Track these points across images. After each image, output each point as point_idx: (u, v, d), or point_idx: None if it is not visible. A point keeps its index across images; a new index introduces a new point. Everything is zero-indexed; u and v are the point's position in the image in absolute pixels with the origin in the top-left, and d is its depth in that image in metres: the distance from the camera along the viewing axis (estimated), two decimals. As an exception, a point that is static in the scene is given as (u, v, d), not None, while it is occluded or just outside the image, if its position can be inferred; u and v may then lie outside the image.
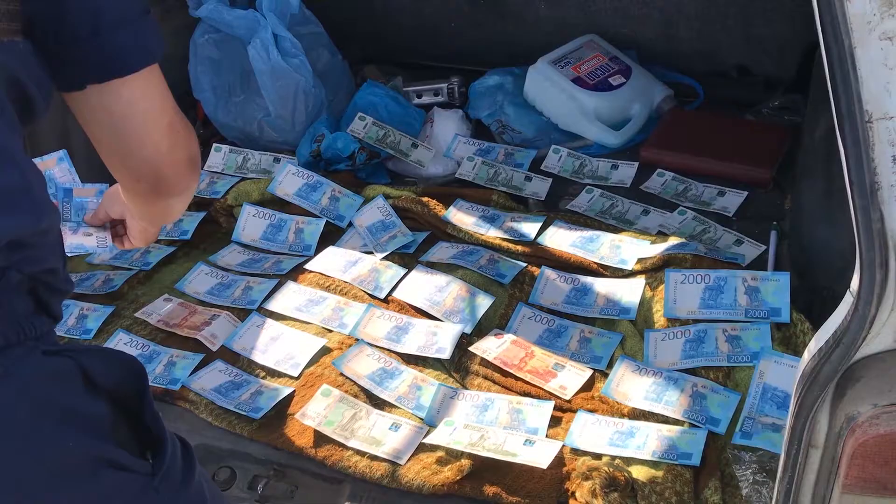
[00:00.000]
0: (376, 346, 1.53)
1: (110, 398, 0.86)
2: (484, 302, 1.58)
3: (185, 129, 1.01)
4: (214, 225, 1.92)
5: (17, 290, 0.82)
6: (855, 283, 0.78)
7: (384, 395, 1.45)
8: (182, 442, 0.94)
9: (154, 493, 0.87)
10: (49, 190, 1.33)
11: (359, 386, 1.47)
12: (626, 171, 1.91)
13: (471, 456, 1.30)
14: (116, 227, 1.31)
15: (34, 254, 0.83)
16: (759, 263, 1.61)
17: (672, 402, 1.36)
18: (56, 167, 1.37)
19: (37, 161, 1.33)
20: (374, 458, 1.34)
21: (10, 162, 0.80)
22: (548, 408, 1.38)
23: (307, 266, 1.74)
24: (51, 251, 0.86)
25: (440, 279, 1.64)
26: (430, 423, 1.40)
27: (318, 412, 1.41)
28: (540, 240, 1.72)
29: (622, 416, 1.37)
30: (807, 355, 0.84)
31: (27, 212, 0.81)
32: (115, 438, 0.85)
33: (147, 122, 0.95)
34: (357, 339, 1.55)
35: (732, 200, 1.78)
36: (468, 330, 1.55)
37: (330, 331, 1.59)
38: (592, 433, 1.34)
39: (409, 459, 1.33)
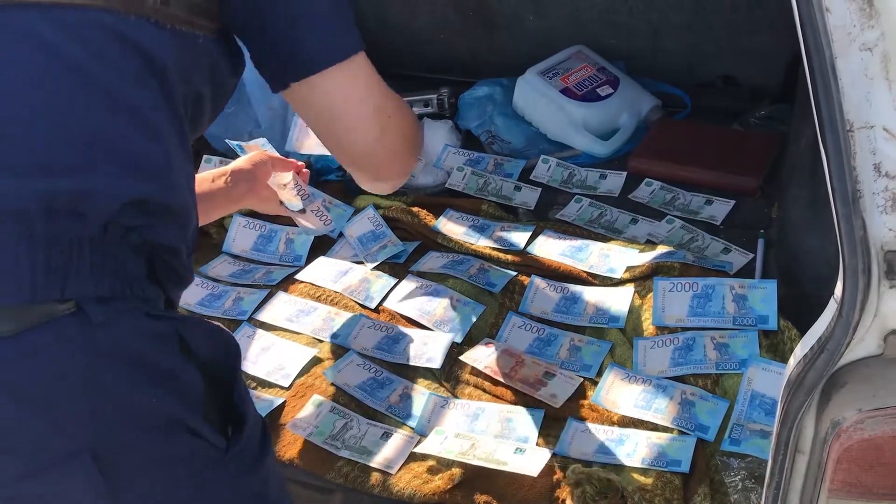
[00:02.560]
0: (367, 356, 1.54)
1: (204, 369, 0.88)
2: (474, 311, 1.59)
3: (398, 112, 1.08)
4: (205, 236, 1.92)
5: (134, 253, 0.85)
6: (838, 289, 0.79)
7: (375, 405, 1.45)
8: (263, 425, 0.98)
9: (223, 470, 0.90)
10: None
11: (349, 395, 1.47)
12: (614, 181, 1.92)
13: (462, 464, 1.31)
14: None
15: (159, 226, 0.87)
16: (746, 271, 1.62)
17: (661, 410, 1.37)
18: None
19: (242, 144, 1.47)
20: (365, 467, 1.34)
21: (155, 137, 0.86)
22: (538, 416, 1.39)
23: (298, 276, 1.74)
24: (177, 233, 0.91)
25: (430, 289, 1.65)
26: (420, 433, 1.40)
27: (309, 422, 1.41)
28: (529, 249, 1.73)
29: (612, 423, 1.38)
30: (792, 361, 0.85)
31: (155, 181, 0.85)
32: (203, 408, 0.88)
33: (350, 112, 1.03)
34: (348, 349, 1.56)
35: (720, 209, 1.80)
36: (458, 339, 1.55)
37: (321, 341, 1.59)
38: (583, 441, 1.35)
39: (400, 469, 1.33)
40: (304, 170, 1.51)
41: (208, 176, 1.40)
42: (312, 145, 1.52)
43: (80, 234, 0.80)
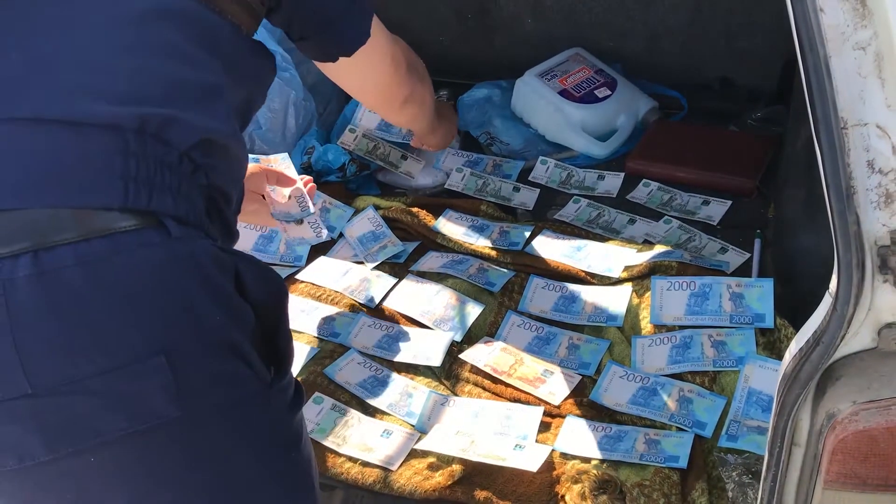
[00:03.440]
0: (367, 355, 1.55)
1: (254, 306, 0.94)
2: (474, 310, 1.60)
3: (399, 51, 1.44)
4: (206, 236, 1.93)
5: (199, 192, 0.93)
6: (833, 283, 0.81)
7: (375, 403, 1.47)
8: (296, 381, 1.03)
9: (266, 403, 0.96)
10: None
11: (350, 393, 1.48)
12: (612, 182, 1.94)
13: (461, 461, 1.32)
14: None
15: (220, 168, 0.96)
16: (743, 271, 1.63)
17: (659, 407, 1.38)
18: (277, 165, 1.55)
19: (262, 157, 1.55)
20: (366, 464, 1.36)
21: (221, 96, 0.97)
22: (537, 413, 1.40)
23: (298, 276, 1.76)
24: (232, 180, 1.01)
25: (430, 288, 1.66)
26: (421, 430, 1.41)
27: (311, 420, 1.42)
28: (528, 249, 1.74)
29: (610, 420, 1.39)
30: (788, 355, 0.86)
31: (222, 124, 0.96)
32: (252, 340, 0.93)
33: (378, 66, 1.39)
34: (348, 348, 1.57)
35: (717, 209, 1.81)
36: (458, 338, 1.57)
37: (321, 339, 1.60)
38: (581, 437, 1.36)
39: (400, 465, 1.35)
40: (311, 184, 1.54)
41: None
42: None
43: (163, 158, 0.88)
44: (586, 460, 1.32)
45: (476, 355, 1.52)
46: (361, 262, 1.77)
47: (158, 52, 0.92)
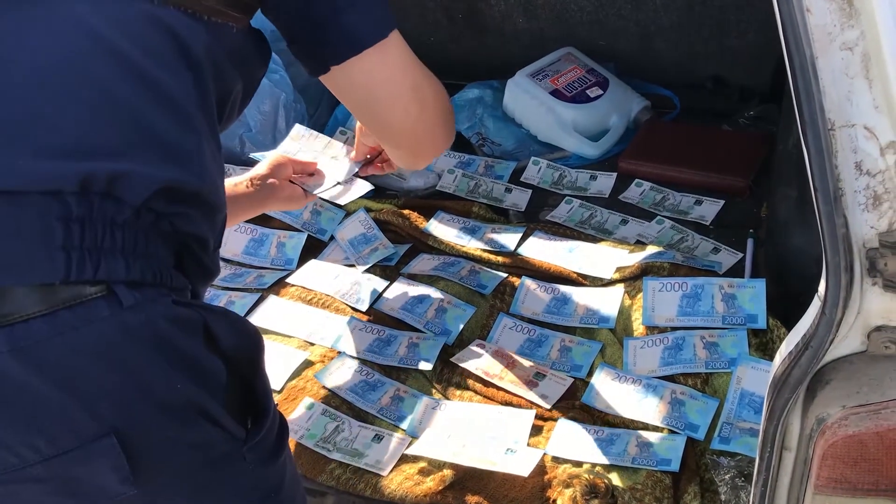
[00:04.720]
0: (358, 359, 1.54)
1: (227, 360, 0.89)
2: (465, 313, 1.60)
3: (433, 89, 1.12)
4: (196, 240, 1.92)
5: (165, 241, 0.86)
6: (822, 287, 0.80)
7: (366, 407, 1.46)
8: (281, 420, 0.98)
9: (240, 460, 0.91)
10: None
11: (341, 398, 1.47)
12: (604, 182, 1.93)
13: (453, 466, 1.31)
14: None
15: (189, 215, 0.87)
16: (736, 271, 1.62)
17: (651, 409, 1.37)
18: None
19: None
20: (356, 469, 1.35)
21: (188, 126, 0.86)
22: (529, 417, 1.39)
23: (289, 280, 1.75)
24: (207, 223, 0.92)
25: (422, 291, 1.65)
26: (412, 434, 1.40)
27: (301, 425, 1.41)
28: (520, 250, 1.73)
29: (602, 423, 1.38)
30: (778, 359, 0.86)
31: (187, 168, 0.86)
32: (224, 398, 0.88)
33: (391, 90, 1.06)
34: (339, 352, 1.56)
35: (709, 209, 1.81)
36: (450, 341, 1.56)
37: (312, 344, 1.59)
38: (573, 441, 1.35)
39: (391, 470, 1.34)
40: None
41: (230, 182, 1.44)
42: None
43: (113, 217, 0.80)
44: (578, 464, 1.31)
45: (467, 358, 1.51)
46: (352, 265, 1.76)
47: (119, 85, 0.81)
